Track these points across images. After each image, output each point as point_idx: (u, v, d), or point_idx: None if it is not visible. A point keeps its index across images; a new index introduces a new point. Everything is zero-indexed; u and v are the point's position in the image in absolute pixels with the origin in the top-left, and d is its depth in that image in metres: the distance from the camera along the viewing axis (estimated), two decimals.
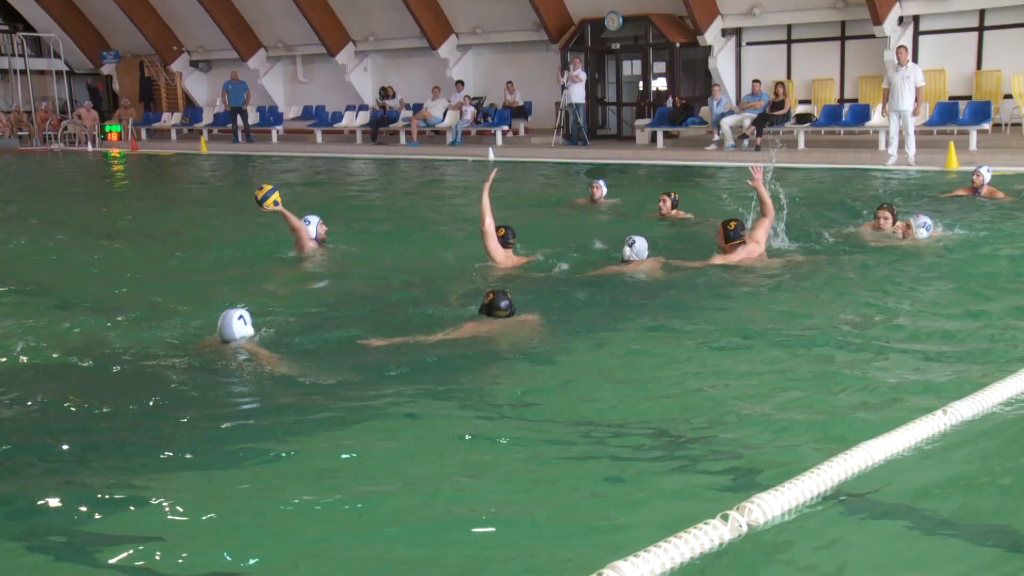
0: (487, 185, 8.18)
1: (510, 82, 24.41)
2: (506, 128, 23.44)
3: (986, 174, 12.00)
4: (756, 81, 21.02)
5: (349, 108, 27.72)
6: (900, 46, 17.74)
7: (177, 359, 5.86)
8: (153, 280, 8.66)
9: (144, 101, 32.30)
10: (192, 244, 10.74)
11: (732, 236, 8.20)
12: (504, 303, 6.36)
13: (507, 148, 21.84)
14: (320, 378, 5.46)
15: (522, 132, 23.85)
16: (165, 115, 31.35)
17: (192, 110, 31.28)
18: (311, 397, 5.18)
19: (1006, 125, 19.47)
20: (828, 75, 21.59)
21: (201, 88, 32.41)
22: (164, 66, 32.02)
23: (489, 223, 8.21)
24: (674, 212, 11.01)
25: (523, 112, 23.74)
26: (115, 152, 26.89)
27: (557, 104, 22.81)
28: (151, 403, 5.16)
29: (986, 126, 18.26)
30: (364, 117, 26.42)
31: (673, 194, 11.24)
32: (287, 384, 5.42)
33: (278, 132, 27.95)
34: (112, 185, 20.46)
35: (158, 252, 10.31)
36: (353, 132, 26.36)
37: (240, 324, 5.91)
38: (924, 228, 8.87)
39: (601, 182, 12.57)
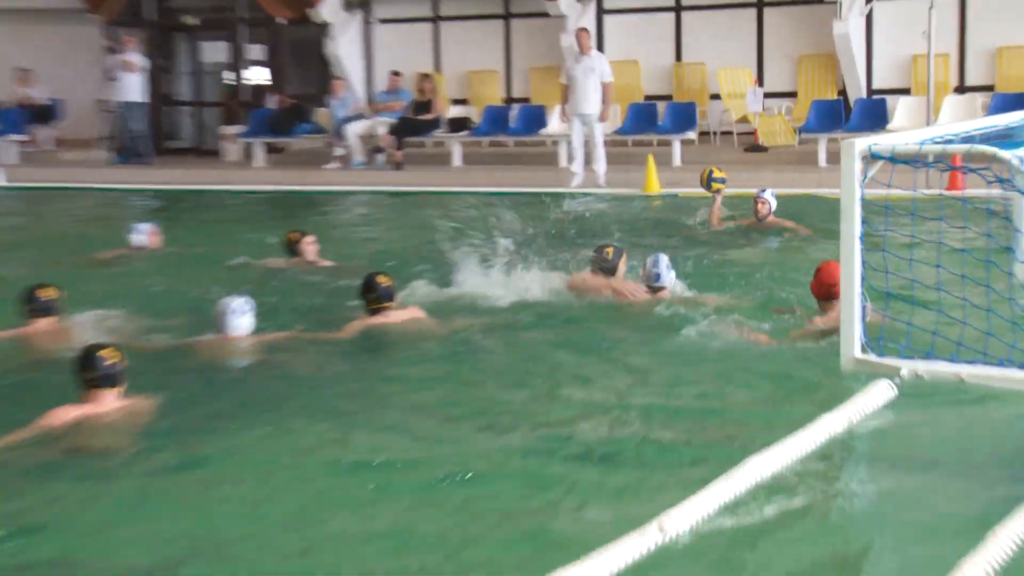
0: None
1: (26, 69, 20.56)
2: (23, 138, 19.83)
3: (771, 200, 11.18)
4: (395, 73, 18.18)
5: None
6: (581, 28, 15.92)
7: None
8: None
9: None
10: None
11: (379, 296, 7.37)
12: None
13: (25, 168, 18.43)
14: None
15: (51, 144, 20.59)
16: None
17: None
18: None
19: (715, 133, 17.62)
20: (490, 66, 19.46)
21: None
22: None
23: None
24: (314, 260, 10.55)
25: (48, 114, 20.65)
26: None
27: (102, 103, 19.83)
28: None
29: (691, 135, 16.56)
30: None
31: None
32: None
33: None
34: None
35: None
36: None
37: None
38: (663, 270, 8.26)
39: (145, 225, 11.51)
